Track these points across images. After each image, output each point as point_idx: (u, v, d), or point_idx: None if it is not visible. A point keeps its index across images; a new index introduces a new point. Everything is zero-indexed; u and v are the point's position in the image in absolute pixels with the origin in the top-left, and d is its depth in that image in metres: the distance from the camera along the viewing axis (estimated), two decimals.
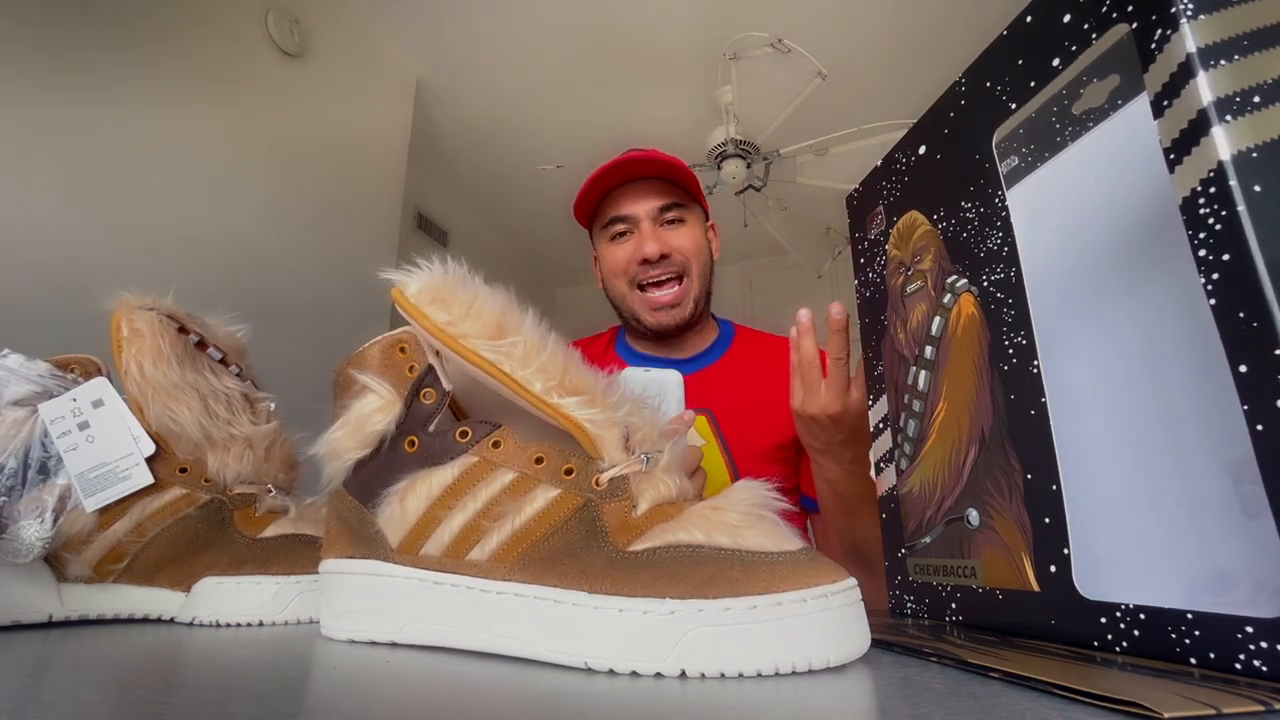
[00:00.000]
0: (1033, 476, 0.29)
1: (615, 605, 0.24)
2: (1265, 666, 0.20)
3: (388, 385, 0.31)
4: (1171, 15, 0.23)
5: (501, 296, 0.32)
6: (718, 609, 0.23)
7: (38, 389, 0.39)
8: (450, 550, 0.29)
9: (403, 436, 0.31)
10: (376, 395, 0.31)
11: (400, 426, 0.31)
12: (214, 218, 1.45)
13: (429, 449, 0.30)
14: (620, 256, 0.89)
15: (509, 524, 0.28)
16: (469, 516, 0.29)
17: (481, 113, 2.36)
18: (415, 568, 0.30)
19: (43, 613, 0.38)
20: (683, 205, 0.89)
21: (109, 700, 0.21)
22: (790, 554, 0.25)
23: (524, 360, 0.30)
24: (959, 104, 0.35)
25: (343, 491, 0.33)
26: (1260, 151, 0.21)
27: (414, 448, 0.31)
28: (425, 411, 0.31)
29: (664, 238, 0.87)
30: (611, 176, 0.87)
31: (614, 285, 0.91)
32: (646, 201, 0.87)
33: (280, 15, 1.64)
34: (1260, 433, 0.20)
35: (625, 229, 0.89)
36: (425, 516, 0.30)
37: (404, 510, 0.30)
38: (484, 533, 0.28)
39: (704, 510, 0.27)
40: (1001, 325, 0.31)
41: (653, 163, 0.86)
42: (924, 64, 2.08)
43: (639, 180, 0.88)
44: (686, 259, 0.88)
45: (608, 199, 0.90)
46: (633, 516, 0.27)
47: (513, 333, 0.30)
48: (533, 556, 0.27)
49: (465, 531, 0.29)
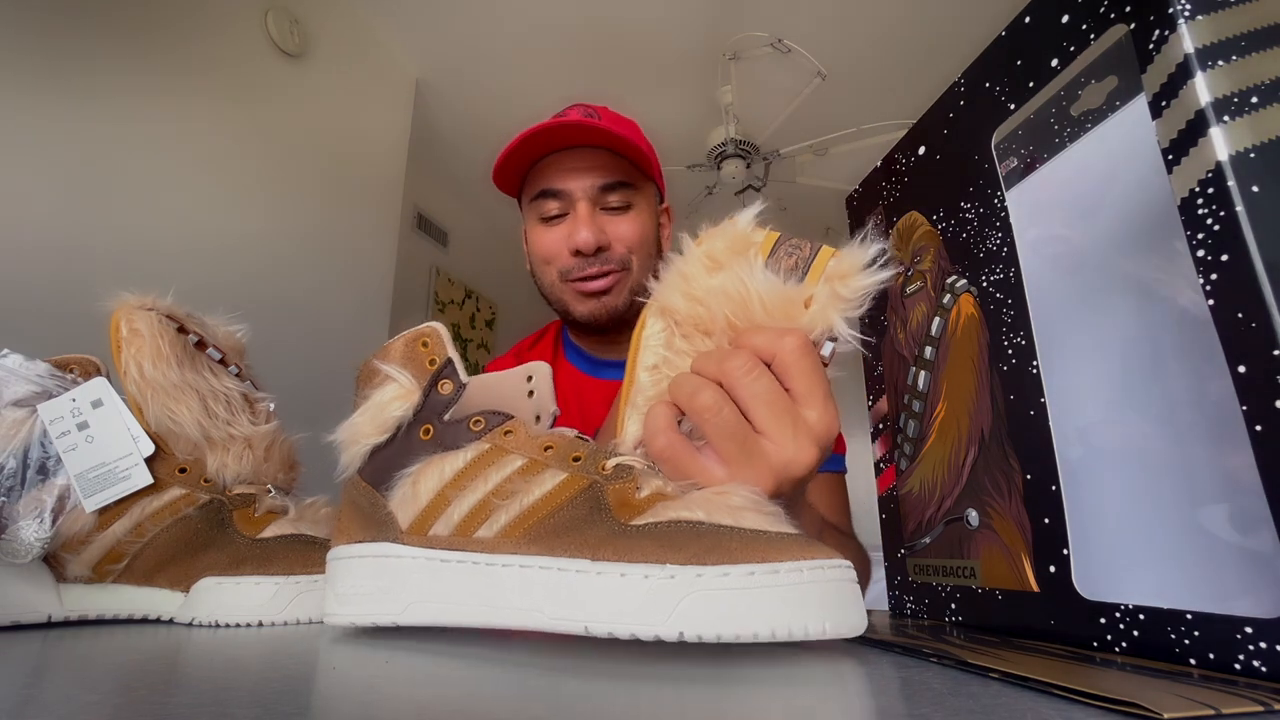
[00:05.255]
0: (1032, 476, 0.29)
1: (617, 570, 0.25)
2: (1265, 667, 0.20)
3: (409, 375, 0.33)
4: (1169, 16, 0.23)
5: None
6: (716, 574, 0.24)
7: (37, 389, 0.39)
8: (459, 529, 0.30)
9: (419, 424, 0.32)
10: (397, 384, 0.33)
11: (417, 414, 0.32)
12: (213, 217, 1.45)
13: (443, 436, 0.32)
14: (550, 242, 0.74)
15: (517, 503, 0.29)
16: (479, 497, 0.30)
17: (481, 113, 2.36)
18: (424, 547, 0.31)
19: (42, 613, 0.38)
20: (629, 186, 0.73)
21: (109, 700, 0.21)
22: (788, 535, 0.26)
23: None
24: (958, 104, 0.35)
25: (357, 479, 0.34)
26: (1258, 152, 0.21)
27: (429, 435, 0.32)
28: (442, 401, 0.32)
29: (603, 225, 0.72)
30: (544, 141, 0.70)
31: (542, 273, 0.77)
32: (585, 177, 0.72)
33: (280, 15, 1.64)
34: (1259, 433, 0.20)
35: (559, 209, 0.73)
36: (437, 498, 0.31)
37: (416, 492, 0.31)
38: (493, 510, 0.29)
39: (707, 494, 0.28)
40: (1001, 325, 0.31)
41: (595, 131, 0.69)
42: (924, 64, 2.08)
43: (582, 147, 0.72)
44: (628, 251, 0.74)
45: (540, 165, 0.74)
46: (636, 497, 0.28)
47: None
48: (539, 531, 0.28)
49: (475, 510, 0.30)
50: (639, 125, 0.81)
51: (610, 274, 0.73)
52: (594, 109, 0.75)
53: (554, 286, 0.77)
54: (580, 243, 0.71)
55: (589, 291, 0.74)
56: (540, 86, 2.21)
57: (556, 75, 2.18)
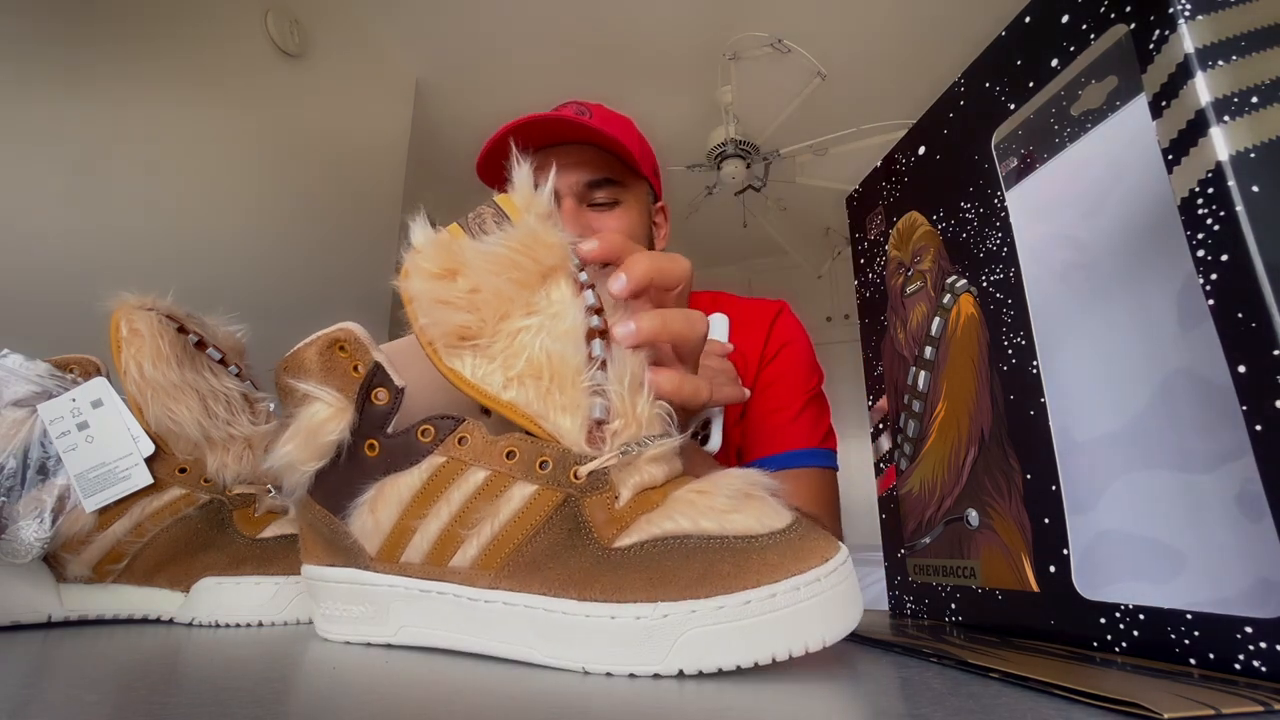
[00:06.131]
0: (1032, 477, 0.29)
1: (606, 613, 0.24)
2: (1265, 667, 0.20)
3: (332, 391, 0.29)
4: (1169, 16, 0.23)
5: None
6: (711, 608, 0.23)
7: (37, 389, 0.39)
8: (430, 558, 0.28)
9: (361, 441, 0.29)
10: (323, 403, 0.29)
11: (356, 432, 0.29)
12: (213, 217, 1.45)
13: (392, 452, 0.29)
14: None
15: (487, 527, 0.27)
16: (444, 523, 0.27)
17: (481, 113, 2.35)
18: (398, 575, 0.29)
19: (42, 613, 0.38)
20: (617, 183, 0.72)
21: (109, 700, 0.21)
22: (780, 534, 0.24)
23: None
24: (958, 105, 0.35)
25: (310, 501, 0.31)
26: (1258, 152, 0.21)
27: (375, 451, 0.29)
28: (380, 413, 0.29)
29: (589, 221, 0.71)
30: (530, 135, 0.67)
31: None
32: (571, 174, 0.70)
33: (280, 15, 1.64)
34: (1259, 433, 0.20)
35: None
36: (398, 526, 0.28)
37: (376, 521, 0.29)
38: (462, 540, 0.27)
39: (689, 495, 0.26)
40: (1001, 325, 0.31)
41: (580, 128, 0.68)
42: (924, 64, 2.08)
43: (569, 144, 0.70)
44: None
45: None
46: (616, 508, 0.26)
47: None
48: (517, 563, 0.26)
49: (442, 539, 0.28)
50: (635, 123, 0.80)
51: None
52: (588, 106, 0.74)
53: None
54: None
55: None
56: (540, 86, 2.21)
57: (557, 75, 2.18)
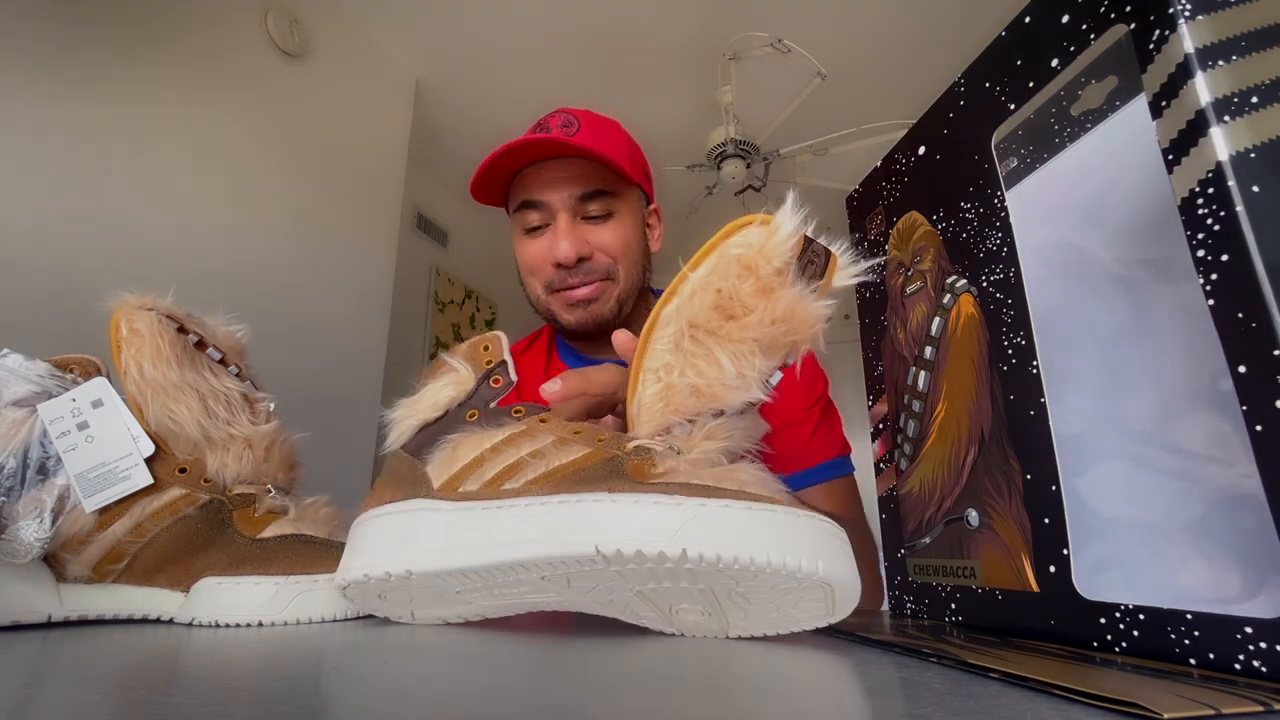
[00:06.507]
0: (1032, 477, 0.29)
1: (631, 499, 0.28)
2: (1264, 667, 0.20)
3: (467, 366, 0.38)
4: (1169, 16, 0.23)
5: None
6: (718, 505, 0.27)
7: (37, 389, 0.39)
8: (489, 484, 0.33)
9: (468, 408, 0.37)
10: (456, 373, 0.38)
11: (468, 399, 0.37)
12: (213, 218, 1.45)
13: (486, 421, 0.36)
14: (533, 254, 0.75)
15: (544, 464, 0.32)
16: (512, 459, 0.33)
17: (481, 113, 2.36)
18: (451, 500, 0.33)
19: (42, 613, 0.38)
20: (609, 194, 0.73)
21: (109, 700, 0.21)
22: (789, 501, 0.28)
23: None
24: (958, 104, 0.35)
25: (400, 451, 0.37)
26: (1258, 152, 0.21)
27: (474, 419, 0.36)
28: (491, 392, 0.37)
29: (585, 234, 0.72)
30: (521, 155, 0.70)
31: (529, 284, 0.78)
32: (564, 188, 0.71)
33: (280, 15, 1.64)
34: (1259, 433, 0.20)
35: (540, 220, 0.73)
36: (473, 460, 0.34)
37: (455, 456, 0.34)
38: (524, 467, 0.33)
39: (717, 471, 0.30)
40: (1001, 325, 0.31)
41: (565, 147, 0.69)
42: (924, 64, 2.08)
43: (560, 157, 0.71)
44: (612, 260, 0.73)
45: (521, 176, 0.73)
46: (652, 470, 0.31)
47: None
48: (562, 482, 0.31)
49: (506, 469, 0.33)
50: (624, 125, 0.80)
51: (594, 283, 0.73)
52: (575, 115, 0.74)
53: (540, 298, 0.77)
54: (561, 256, 0.71)
55: (574, 300, 0.74)
56: (540, 86, 2.21)
57: (556, 75, 2.18)
